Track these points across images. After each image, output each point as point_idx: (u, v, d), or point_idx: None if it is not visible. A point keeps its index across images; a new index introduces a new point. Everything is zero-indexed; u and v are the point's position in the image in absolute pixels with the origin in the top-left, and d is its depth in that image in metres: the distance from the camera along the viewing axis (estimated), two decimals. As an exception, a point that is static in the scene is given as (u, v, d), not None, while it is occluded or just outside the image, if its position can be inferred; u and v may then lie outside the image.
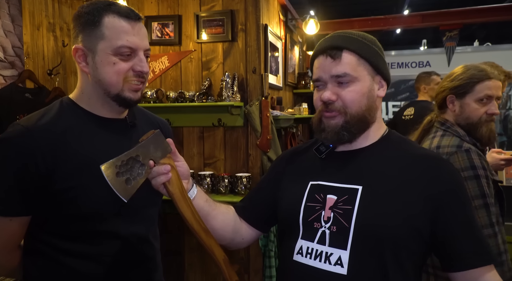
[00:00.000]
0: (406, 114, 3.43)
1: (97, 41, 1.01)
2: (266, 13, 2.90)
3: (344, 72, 0.95)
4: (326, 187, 0.98)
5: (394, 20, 4.39)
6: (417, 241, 0.90)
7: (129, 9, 1.04)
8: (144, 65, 1.04)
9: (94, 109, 1.08)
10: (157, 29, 2.87)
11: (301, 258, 0.96)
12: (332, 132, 0.98)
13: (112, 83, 1.03)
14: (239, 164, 2.78)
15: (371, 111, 0.98)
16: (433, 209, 0.90)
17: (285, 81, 3.57)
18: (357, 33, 1.01)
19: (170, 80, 2.90)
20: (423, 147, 1.05)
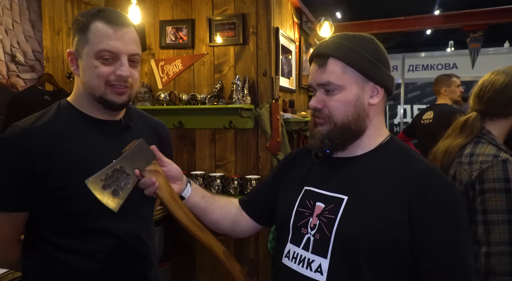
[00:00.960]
0: (425, 118, 3.35)
1: (83, 46, 1.05)
2: (278, 16, 2.91)
3: (328, 81, 0.94)
4: (316, 194, 0.99)
5: (415, 21, 4.29)
6: (396, 255, 0.86)
7: (117, 15, 1.07)
8: (124, 69, 1.05)
9: (88, 111, 1.12)
10: (171, 33, 2.94)
11: (288, 261, 0.98)
12: (317, 139, 0.98)
13: (93, 86, 1.06)
14: (249, 166, 2.80)
15: (359, 120, 0.96)
16: (414, 226, 0.85)
17: (299, 84, 3.57)
18: (352, 37, 0.97)
19: (183, 83, 2.95)
20: (421, 159, 0.96)
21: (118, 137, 1.14)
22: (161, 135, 1.31)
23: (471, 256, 0.88)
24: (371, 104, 0.97)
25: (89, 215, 1.06)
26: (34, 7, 2.51)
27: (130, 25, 1.09)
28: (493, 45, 6.57)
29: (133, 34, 1.09)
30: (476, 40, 4.18)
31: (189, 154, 2.97)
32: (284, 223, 1.02)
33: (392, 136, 1.03)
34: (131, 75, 1.07)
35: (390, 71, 1.00)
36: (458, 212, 0.88)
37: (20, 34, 2.42)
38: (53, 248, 1.07)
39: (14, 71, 2.39)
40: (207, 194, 1.15)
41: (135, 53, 1.08)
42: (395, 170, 0.93)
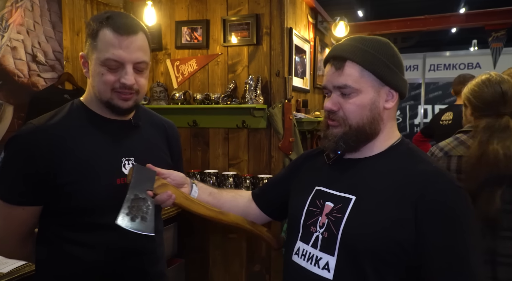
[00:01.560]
0: (444, 119, 3.28)
1: (92, 51, 1.09)
2: (292, 17, 2.92)
3: (345, 84, 0.95)
4: (326, 194, 1.01)
5: (434, 21, 4.21)
6: (399, 256, 0.87)
7: (124, 22, 1.08)
8: (128, 78, 1.08)
9: (99, 111, 1.16)
10: (186, 34, 2.99)
11: (297, 258, 1.00)
12: (331, 141, 0.99)
13: (100, 91, 1.10)
14: (262, 165, 2.83)
15: (374, 124, 0.97)
16: (417, 228, 0.86)
17: (313, 84, 3.56)
18: (369, 41, 0.97)
19: (198, 83, 3.00)
20: (428, 161, 0.96)
21: (127, 136, 1.18)
22: (168, 134, 1.33)
23: (475, 260, 0.86)
24: (385, 108, 0.98)
25: (94, 211, 1.10)
26: (55, 8, 2.59)
27: (139, 31, 1.10)
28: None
29: (140, 42, 1.10)
30: (499, 39, 4.08)
31: (203, 152, 3.01)
32: (295, 222, 1.05)
33: (403, 139, 1.03)
34: (135, 83, 1.10)
35: (404, 75, 1.01)
36: (461, 214, 0.87)
37: (41, 35, 2.51)
38: (62, 241, 1.12)
39: (35, 71, 2.48)
40: (214, 190, 1.22)
41: (140, 61, 1.10)
42: (402, 171, 0.94)
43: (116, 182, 1.12)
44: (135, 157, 1.17)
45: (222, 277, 2.99)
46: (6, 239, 1.16)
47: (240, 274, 2.95)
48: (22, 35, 2.38)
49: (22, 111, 2.37)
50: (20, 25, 2.35)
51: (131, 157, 1.17)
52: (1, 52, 2.25)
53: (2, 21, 2.24)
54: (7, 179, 1.09)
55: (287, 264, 1.05)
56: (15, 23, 2.32)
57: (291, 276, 1.03)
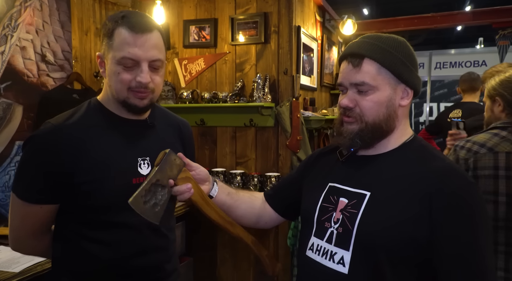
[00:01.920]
0: (452, 117, 3.27)
1: (108, 51, 1.10)
2: (300, 15, 2.91)
3: (363, 81, 0.95)
4: (340, 190, 1.01)
5: (442, 19, 4.19)
6: (414, 250, 0.88)
7: (138, 21, 1.09)
8: (144, 76, 1.08)
9: (116, 110, 1.16)
10: (194, 33, 2.99)
11: (312, 254, 1.01)
12: (347, 138, 1.00)
13: (117, 90, 1.11)
14: (269, 164, 2.83)
15: (389, 120, 0.97)
16: (432, 223, 0.87)
17: (320, 82, 3.56)
18: (385, 38, 0.98)
19: (206, 82, 3.00)
20: (442, 158, 0.97)
21: (143, 136, 1.20)
22: (183, 134, 1.34)
23: (489, 254, 0.89)
24: (401, 106, 0.99)
25: (110, 209, 1.11)
26: (64, 8, 2.60)
27: (154, 29, 1.10)
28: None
29: (155, 40, 1.10)
30: (506, 37, 4.05)
31: (211, 151, 3.02)
32: (309, 218, 1.05)
33: (415, 136, 1.04)
34: (151, 81, 1.10)
35: (418, 72, 1.02)
36: (476, 209, 0.89)
37: (50, 35, 2.52)
38: (78, 238, 1.13)
39: (44, 71, 2.49)
40: (232, 190, 1.22)
41: (155, 59, 1.10)
42: (416, 168, 0.94)
43: (132, 181, 1.13)
44: (150, 156, 1.18)
45: (230, 275, 3.00)
46: (23, 237, 1.17)
47: (248, 272, 2.95)
48: (31, 35, 2.39)
49: (32, 111, 2.38)
50: (29, 25, 2.37)
51: (147, 156, 1.18)
52: (11, 52, 2.26)
53: (11, 21, 2.26)
54: (25, 177, 1.10)
55: (301, 259, 1.06)
56: (24, 22, 2.33)
57: (305, 271, 1.04)
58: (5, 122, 2.23)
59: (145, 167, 1.16)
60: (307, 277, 1.03)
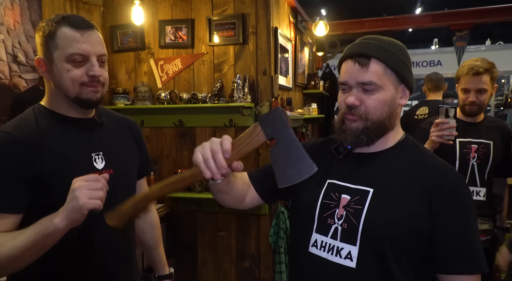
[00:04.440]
0: (419, 114, 3.45)
1: (53, 51, 1.12)
2: (276, 16, 2.97)
3: (370, 81, 0.99)
4: (341, 187, 1.05)
5: (404, 21, 4.41)
6: (416, 243, 0.96)
7: (80, 19, 1.15)
8: (96, 69, 1.13)
9: (63, 111, 1.18)
10: (170, 33, 2.97)
11: (316, 250, 1.04)
12: (352, 135, 1.03)
13: (69, 88, 1.13)
14: (250, 163, 2.86)
15: (391, 119, 1.02)
16: (432, 215, 0.95)
17: (295, 82, 3.64)
18: (387, 41, 1.03)
19: (183, 82, 2.99)
20: (434, 156, 1.06)
21: (93, 133, 1.23)
22: (134, 132, 1.39)
23: (479, 238, 1.00)
24: (400, 105, 1.04)
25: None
26: (35, 7, 2.50)
27: (94, 27, 1.16)
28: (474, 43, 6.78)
29: (98, 36, 1.17)
30: (462, 38, 4.33)
31: (190, 151, 3.00)
32: (309, 215, 1.07)
33: (407, 135, 1.10)
34: (101, 74, 1.16)
35: None
36: (468, 203, 0.99)
37: (22, 34, 2.42)
38: None
39: (16, 72, 2.38)
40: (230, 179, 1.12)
41: (102, 53, 1.16)
42: (415, 165, 1.02)
43: None
44: (103, 151, 1.22)
45: (212, 274, 3.01)
46: None
47: (230, 271, 2.98)
48: (3, 35, 2.28)
49: (5, 114, 2.28)
50: (0, 25, 2.26)
51: (100, 151, 1.21)
52: (-17, 53, 2.15)
53: (-17, 20, 2.14)
54: None
55: (304, 257, 1.07)
56: (-4, 22, 2.22)
57: (310, 268, 1.05)
58: (-20, 126, 2.12)
59: (100, 161, 1.20)
60: (312, 273, 1.05)
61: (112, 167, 1.22)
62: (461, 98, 2.00)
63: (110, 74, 3.15)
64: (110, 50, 3.13)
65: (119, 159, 1.26)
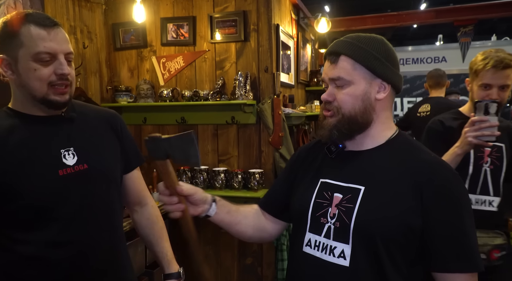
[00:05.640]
0: (421, 111, 3.44)
1: (17, 50, 1.07)
2: (278, 13, 2.96)
3: (338, 76, 1.02)
4: (333, 186, 1.05)
5: (407, 17, 4.39)
6: (409, 239, 0.95)
7: (45, 17, 1.11)
8: (64, 68, 1.10)
9: (30, 111, 1.15)
10: (172, 30, 2.97)
11: (310, 249, 1.04)
12: (326, 130, 1.06)
13: (36, 88, 1.09)
14: (252, 160, 2.87)
15: (366, 113, 1.03)
16: (424, 210, 0.95)
17: (297, 79, 3.64)
18: (363, 37, 1.05)
19: (185, 80, 3.00)
20: (428, 151, 1.05)
21: (61, 129, 1.19)
22: (113, 124, 1.33)
23: (474, 236, 0.98)
24: (377, 99, 1.04)
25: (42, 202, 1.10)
26: (37, 5, 2.51)
27: (59, 25, 1.13)
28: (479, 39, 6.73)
29: (64, 34, 1.13)
30: (467, 34, 4.30)
31: (192, 149, 3.01)
32: (302, 214, 1.08)
33: (400, 131, 1.10)
34: (70, 73, 1.12)
35: (398, 70, 1.07)
36: (462, 197, 0.99)
37: (24, 33, 2.43)
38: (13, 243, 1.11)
39: (19, 70, 2.40)
40: (233, 208, 1.20)
41: (69, 51, 1.13)
42: (406, 161, 1.01)
43: (59, 173, 1.13)
44: (74, 146, 1.18)
45: (214, 271, 3.02)
46: None
47: (232, 268, 2.99)
48: (6, 33, 2.30)
49: (9, 112, 2.30)
50: (3, 23, 2.27)
51: (70, 147, 1.17)
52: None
53: (-15, 19, 2.16)
54: None
55: (298, 256, 1.08)
56: (-2, 20, 2.24)
57: (304, 267, 1.06)
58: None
59: (70, 157, 1.16)
60: (307, 273, 1.05)
61: (85, 162, 1.18)
62: (479, 95, 1.67)
63: (113, 72, 3.17)
64: (113, 48, 3.15)
65: (93, 153, 1.21)
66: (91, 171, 1.18)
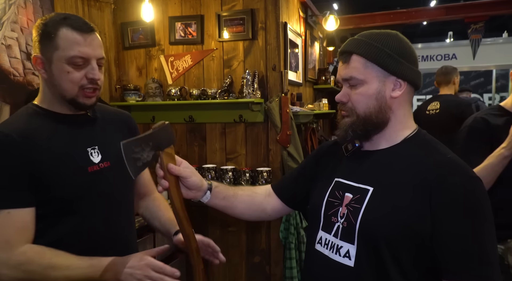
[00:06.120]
0: (430, 109, 3.40)
1: (52, 51, 1.12)
2: (286, 11, 2.95)
3: (350, 76, 1.00)
4: (345, 185, 1.05)
5: (417, 14, 4.34)
6: (416, 243, 0.91)
7: (82, 22, 1.15)
8: (96, 73, 1.15)
9: (57, 109, 1.20)
10: (180, 29, 2.98)
11: (320, 247, 1.05)
12: (342, 130, 1.05)
13: (67, 89, 1.14)
14: (260, 159, 2.87)
15: (381, 112, 1.00)
16: (432, 215, 0.89)
17: (305, 77, 3.62)
18: (375, 34, 1.02)
19: (193, 78, 3.00)
20: (445, 152, 0.98)
21: (87, 128, 1.25)
22: (129, 124, 1.41)
23: (492, 248, 0.89)
24: (393, 97, 1.00)
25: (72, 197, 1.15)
26: (47, 5, 2.54)
27: (95, 30, 1.18)
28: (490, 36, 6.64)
29: (99, 40, 1.19)
30: (477, 31, 4.25)
31: (200, 147, 3.03)
32: (316, 212, 1.09)
33: (419, 130, 1.05)
34: (100, 78, 1.17)
35: (416, 66, 1.02)
36: (478, 203, 0.90)
37: (34, 33, 2.46)
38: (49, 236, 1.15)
39: (29, 69, 2.43)
40: (230, 193, 1.22)
41: (102, 57, 1.18)
42: (419, 162, 0.96)
43: (88, 170, 1.19)
44: (98, 145, 1.24)
45: (222, 269, 3.03)
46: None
47: (240, 266, 2.99)
48: (16, 33, 2.32)
49: (19, 111, 2.33)
50: (14, 23, 2.30)
51: (95, 145, 1.23)
52: (-3, 51, 2.19)
53: (-4, 19, 2.19)
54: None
55: (311, 253, 1.09)
56: (9, 21, 2.26)
57: (315, 264, 1.07)
58: (-6, 123, 2.17)
59: (96, 155, 1.22)
60: (316, 270, 1.06)
61: (108, 160, 1.24)
62: None
63: (122, 71, 3.19)
64: (121, 47, 3.17)
65: (114, 151, 1.22)
66: (114, 168, 1.24)
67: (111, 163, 1.25)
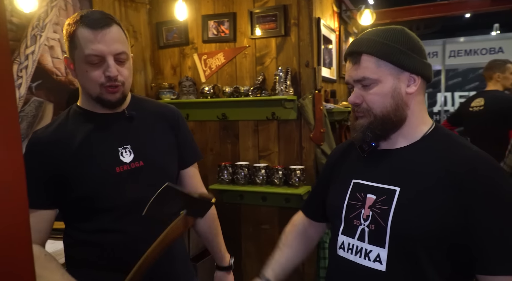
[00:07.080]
0: (474, 106, 3.24)
1: (73, 51, 1.12)
2: (319, 6, 2.91)
3: (363, 77, 0.97)
4: (366, 186, 1.02)
5: (458, 5, 4.15)
6: (451, 240, 0.88)
7: (96, 18, 1.11)
8: (112, 70, 1.11)
9: (93, 108, 1.20)
10: (213, 27, 3.00)
11: (343, 253, 1.02)
12: (358, 132, 1.02)
13: (90, 88, 1.14)
14: (293, 157, 2.84)
15: (398, 110, 0.98)
16: (467, 211, 0.87)
17: (339, 74, 3.55)
18: (382, 31, 1.00)
19: (226, 76, 3.02)
20: (470, 146, 0.96)
21: (121, 126, 1.23)
22: (169, 118, 1.34)
23: None
24: (408, 93, 0.99)
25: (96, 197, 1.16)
26: (86, 6, 2.63)
27: (112, 24, 1.12)
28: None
29: (115, 34, 1.12)
30: (525, 22, 4.00)
31: (233, 145, 3.04)
32: (336, 216, 1.06)
33: (437, 125, 1.03)
34: (119, 74, 1.13)
35: (426, 58, 1.01)
36: (508, 193, 0.88)
37: (74, 34, 2.56)
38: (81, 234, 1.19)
39: (70, 69, 2.53)
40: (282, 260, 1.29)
41: (119, 52, 1.12)
42: (444, 158, 0.94)
43: (116, 170, 1.17)
44: (132, 144, 1.21)
45: (256, 267, 3.03)
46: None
47: (273, 264, 2.97)
48: (58, 34, 2.42)
49: (61, 109, 2.42)
50: (55, 24, 2.40)
51: (127, 145, 1.21)
52: (40, 52, 2.30)
53: (39, 21, 2.29)
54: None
55: (334, 259, 1.06)
56: (51, 22, 2.37)
57: (339, 271, 1.04)
58: (38, 119, 2.28)
59: (127, 155, 1.20)
60: (342, 276, 1.03)
61: (141, 159, 1.22)
62: None
63: (156, 69, 3.26)
64: (156, 46, 3.24)
65: (150, 150, 1.25)
66: (147, 168, 1.22)
67: (145, 162, 1.22)
